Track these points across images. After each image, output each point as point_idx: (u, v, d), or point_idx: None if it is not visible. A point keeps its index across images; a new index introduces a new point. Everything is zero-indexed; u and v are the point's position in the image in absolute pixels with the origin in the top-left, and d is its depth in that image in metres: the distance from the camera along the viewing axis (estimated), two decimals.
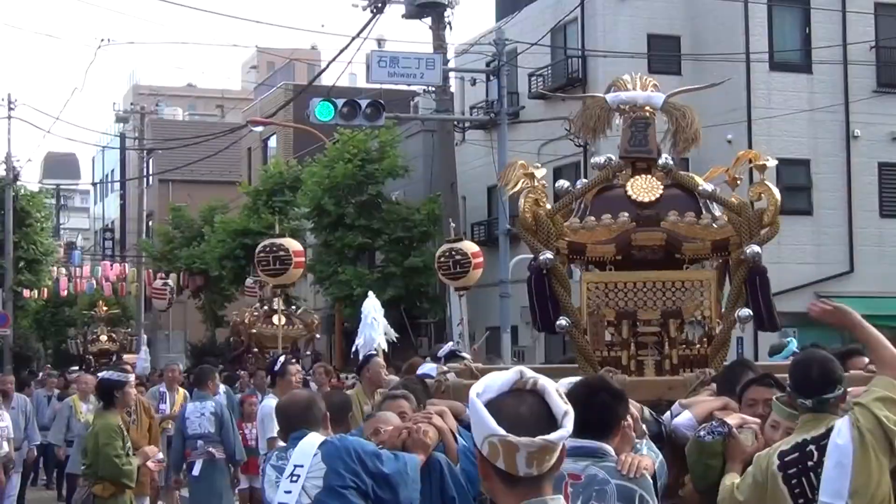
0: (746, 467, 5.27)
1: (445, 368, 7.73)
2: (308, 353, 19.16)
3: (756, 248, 7.04)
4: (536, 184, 7.48)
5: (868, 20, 28.13)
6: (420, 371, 8.10)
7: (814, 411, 4.95)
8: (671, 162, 7.41)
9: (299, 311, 19.63)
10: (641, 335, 7.36)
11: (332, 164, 30.77)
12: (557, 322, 7.37)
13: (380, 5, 27.01)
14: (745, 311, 7.10)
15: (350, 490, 5.36)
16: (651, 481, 4.84)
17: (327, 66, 32.37)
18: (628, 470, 4.74)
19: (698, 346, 7.40)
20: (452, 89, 29.70)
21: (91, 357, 24.70)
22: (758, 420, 5.58)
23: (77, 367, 25.17)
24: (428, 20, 27.04)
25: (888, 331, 23.96)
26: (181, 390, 15.78)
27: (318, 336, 18.73)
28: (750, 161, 7.47)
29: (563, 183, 7.75)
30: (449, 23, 27.00)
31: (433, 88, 27.29)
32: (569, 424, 2.82)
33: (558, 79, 29.77)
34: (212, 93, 75.81)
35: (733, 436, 5.43)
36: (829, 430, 4.85)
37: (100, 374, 10.65)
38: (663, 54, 27.68)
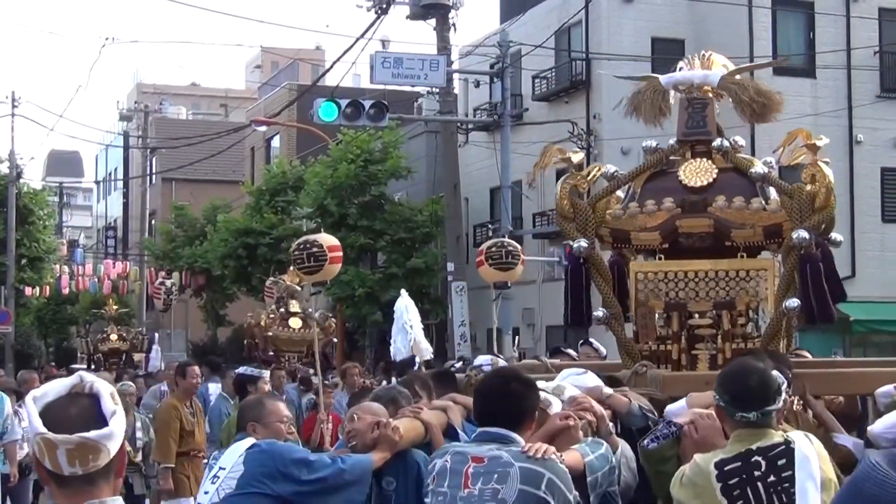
0: None
1: (489, 360, 7.64)
2: (324, 355, 19.02)
3: (804, 234, 6.62)
4: (575, 169, 7.31)
5: (872, 25, 28.16)
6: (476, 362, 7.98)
7: (755, 426, 4.49)
8: (727, 143, 7.05)
9: (316, 314, 19.48)
10: (696, 328, 7.00)
11: (335, 165, 30.80)
12: (594, 313, 7.13)
13: (384, 6, 27.02)
14: (793, 301, 6.70)
15: (260, 495, 5.20)
16: (563, 468, 4.61)
17: (331, 66, 32.47)
18: (534, 453, 4.57)
19: (756, 338, 6.99)
20: (456, 91, 29.71)
21: (101, 356, 24.55)
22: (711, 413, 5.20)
23: (85, 367, 25.05)
24: (432, 21, 27.06)
25: (890, 336, 23.84)
26: None
27: (335, 339, 18.52)
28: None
29: (610, 168, 7.44)
30: (453, 24, 27.02)
31: (437, 90, 27.31)
32: (114, 424, 2.79)
33: (562, 81, 29.79)
34: (215, 92, 75.84)
35: (685, 434, 4.99)
36: (783, 443, 4.47)
37: (237, 371, 10.93)
38: (667, 57, 27.60)
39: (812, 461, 4.46)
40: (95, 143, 60.84)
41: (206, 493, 5.53)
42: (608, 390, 5.88)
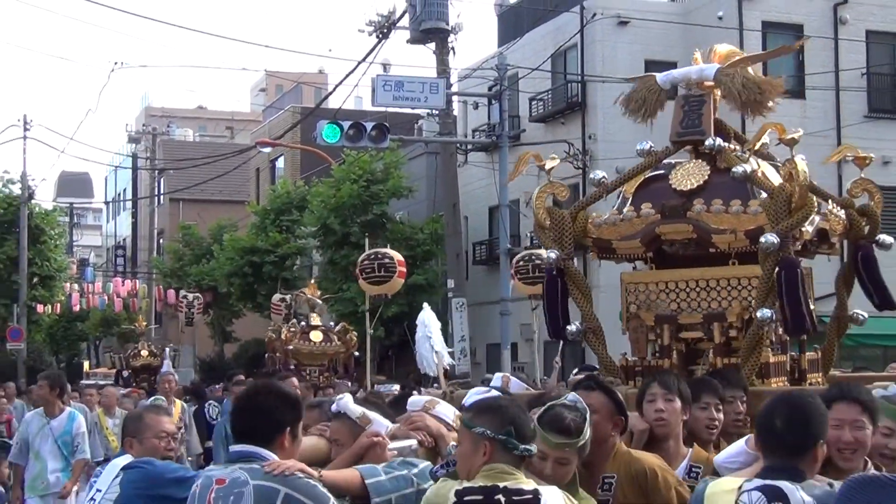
0: None
1: (500, 377, 7.22)
2: (347, 370, 18.84)
3: (772, 238, 5.83)
4: (552, 177, 6.82)
5: (860, 47, 28.22)
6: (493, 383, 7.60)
7: (519, 463, 4.14)
8: (719, 142, 6.30)
9: (337, 328, 19.28)
10: (688, 341, 6.36)
11: (338, 185, 30.81)
12: (567, 327, 6.56)
13: (385, 31, 27.11)
14: (764, 312, 5.92)
15: None
16: (310, 483, 4.33)
17: (334, 89, 32.60)
18: (273, 469, 4.32)
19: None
20: (455, 113, 29.74)
21: (132, 371, 24.43)
22: None
23: (112, 382, 24.93)
24: (432, 45, 27.11)
25: (879, 349, 23.67)
26: (178, 402, 15.14)
27: (356, 353, 18.33)
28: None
29: (598, 174, 6.80)
30: (452, 48, 27.07)
31: (436, 112, 27.34)
32: None
33: (558, 103, 29.81)
34: (222, 115, 75.93)
35: None
36: (530, 492, 4.07)
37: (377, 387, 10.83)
38: None
39: None
40: (105, 164, 60.89)
41: None
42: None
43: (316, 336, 18.62)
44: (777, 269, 5.91)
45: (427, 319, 12.18)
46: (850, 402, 4.60)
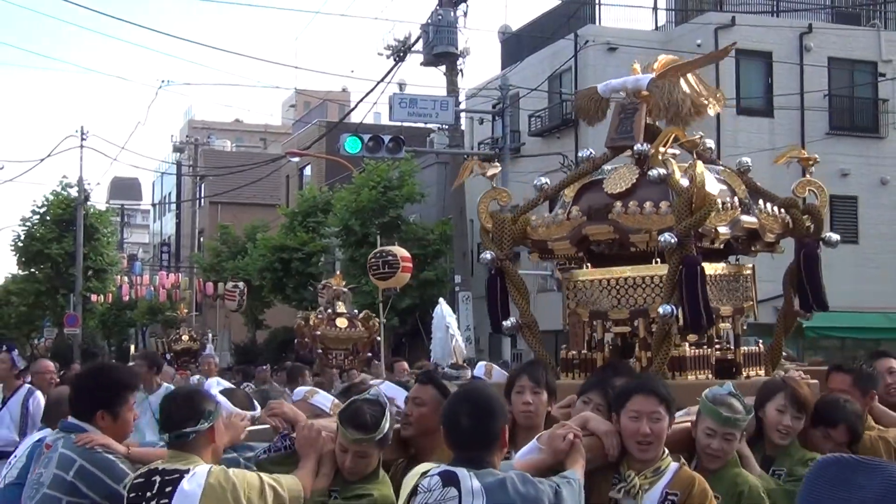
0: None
1: (483, 365, 7.05)
2: (369, 353, 18.73)
3: (668, 237, 5.42)
4: (495, 183, 6.47)
5: (822, 72, 28.17)
6: (476, 372, 7.39)
7: (176, 447, 4.03)
8: (645, 148, 5.84)
9: (361, 315, 19.11)
10: (624, 336, 5.99)
11: (359, 191, 30.83)
12: (504, 322, 6.33)
13: (401, 55, 27.12)
14: (665, 308, 5.50)
15: None
16: (108, 458, 4.32)
17: (356, 105, 32.61)
18: (79, 441, 4.36)
19: (678, 346, 5.76)
20: (463, 127, 29.73)
21: (174, 355, 24.38)
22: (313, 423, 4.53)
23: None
24: (442, 68, 27.12)
25: (838, 341, 23.48)
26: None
27: (378, 338, 18.27)
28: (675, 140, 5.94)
29: (540, 180, 6.45)
30: (461, 70, 27.07)
31: (446, 126, 27.35)
32: None
33: (554, 119, 29.79)
34: (256, 127, 75.83)
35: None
36: (181, 471, 3.96)
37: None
38: None
39: (191, 498, 3.93)
40: (152, 171, 60.95)
41: (2, 475, 5.35)
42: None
43: (341, 322, 18.40)
44: (681, 266, 5.52)
45: (445, 312, 12.05)
46: (647, 395, 4.32)
